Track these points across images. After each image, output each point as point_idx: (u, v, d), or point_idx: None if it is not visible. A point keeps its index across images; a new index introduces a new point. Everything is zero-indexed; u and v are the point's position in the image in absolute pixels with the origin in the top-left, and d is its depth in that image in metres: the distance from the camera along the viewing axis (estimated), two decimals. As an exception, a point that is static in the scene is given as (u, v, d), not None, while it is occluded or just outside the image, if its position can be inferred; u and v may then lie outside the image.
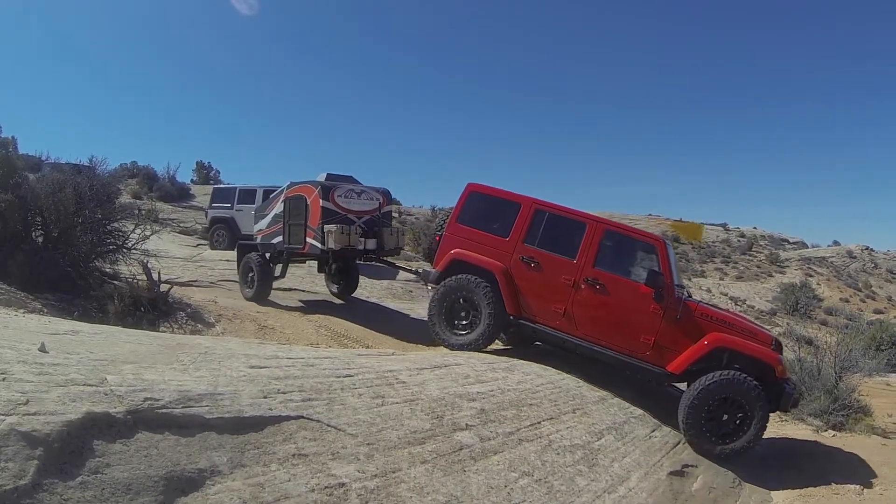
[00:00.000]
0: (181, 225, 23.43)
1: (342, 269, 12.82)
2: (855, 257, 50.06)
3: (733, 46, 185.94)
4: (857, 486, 6.28)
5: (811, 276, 42.23)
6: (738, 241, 49.64)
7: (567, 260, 7.35)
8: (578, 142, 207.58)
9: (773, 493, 6.25)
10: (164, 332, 8.07)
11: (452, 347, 7.64)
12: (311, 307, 11.73)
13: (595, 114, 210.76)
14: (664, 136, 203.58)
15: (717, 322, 6.94)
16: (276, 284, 11.92)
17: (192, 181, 37.00)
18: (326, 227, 10.39)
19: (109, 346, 4.82)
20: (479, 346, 7.57)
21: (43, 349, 4.15)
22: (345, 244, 10.37)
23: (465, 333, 7.68)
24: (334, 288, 13.11)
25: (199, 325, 9.07)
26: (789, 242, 56.80)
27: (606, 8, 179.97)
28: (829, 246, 55.39)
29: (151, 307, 8.83)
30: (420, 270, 9.35)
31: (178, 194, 29.45)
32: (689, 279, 33.58)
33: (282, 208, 11.33)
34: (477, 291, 7.51)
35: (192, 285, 12.07)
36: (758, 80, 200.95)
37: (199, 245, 19.17)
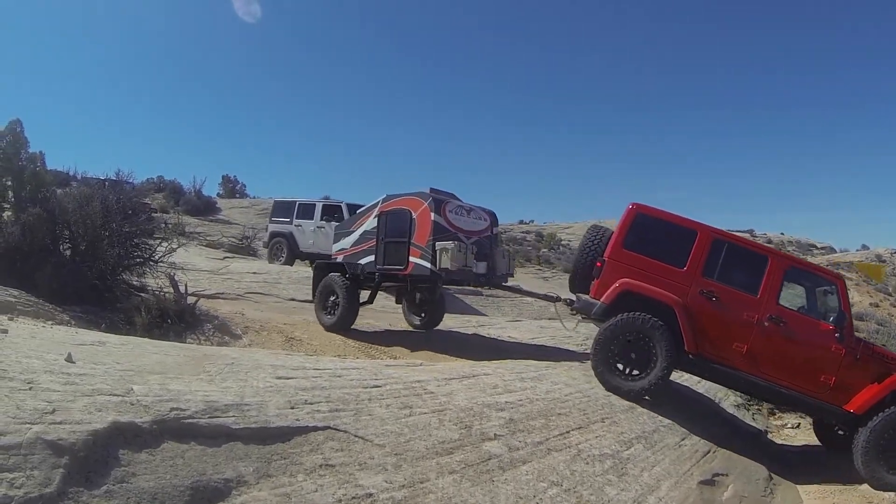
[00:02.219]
0: (207, 238, 23.62)
1: (427, 299, 11.19)
2: (884, 261, 49.16)
3: (760, 48, 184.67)
4: (891, 495, 6.20)
5: (841, 281, 41.51)
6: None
7: (749, 296, 6.91)
8: (599, 148, 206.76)
9: (805, 501, 6.16)
10: (191, 343, 8.10)
11: (622, 394, 6.91)
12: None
13: (614, 118, 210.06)
14: (689, 141, 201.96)
15: (893, 362, 6.91)
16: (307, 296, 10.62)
17: (218, 195, 37.64)
18: (439, 244, 8.97)
19: (136, 356, 4.84)
20: (649, 393, 6.93)
21: (70, 359, 4.18)
22: (462, 264, 8.98)
23: (638, 378, 6.94)
24: (416, 320, 11.45)
25: (226, 337, 9.08)
26: (817, 247, 55.97)
27: (614, 4, 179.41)
28: (857, 250, 54.42)
29: (178, 319, 8.86)
30: (572, 300, 8.03)
31: (205, 208, 29.75)
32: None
33: (374, 224, 9.97)
34: (652, 332, 6.79)
35: (218, 297, 12.13)
36: (784, 83, 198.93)
37: (225, 258, 19.29)
